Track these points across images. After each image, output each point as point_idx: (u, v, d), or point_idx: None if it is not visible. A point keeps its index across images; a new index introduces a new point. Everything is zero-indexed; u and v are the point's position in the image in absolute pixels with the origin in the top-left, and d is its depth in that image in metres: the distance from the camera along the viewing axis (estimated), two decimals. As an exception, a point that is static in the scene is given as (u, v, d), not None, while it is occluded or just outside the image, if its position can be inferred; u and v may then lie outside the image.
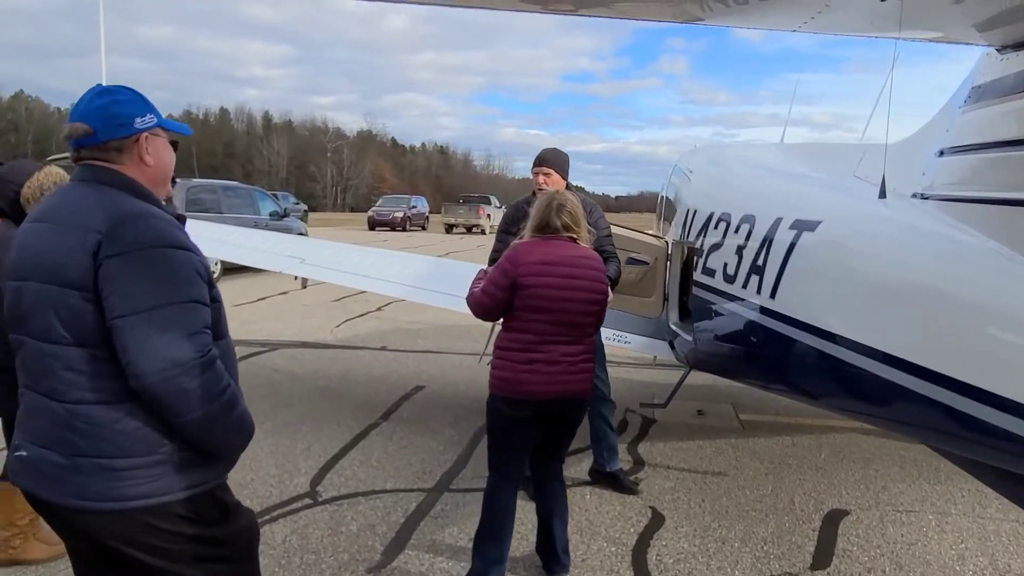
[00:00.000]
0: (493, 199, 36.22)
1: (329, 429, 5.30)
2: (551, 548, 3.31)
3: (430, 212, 38.14)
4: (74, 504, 1.67)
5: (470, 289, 3.20)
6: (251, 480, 4.31)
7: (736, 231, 3.40)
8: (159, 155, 1.84)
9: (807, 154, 4.37)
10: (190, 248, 1.74)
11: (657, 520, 4.00)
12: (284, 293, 12.02)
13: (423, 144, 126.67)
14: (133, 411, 1.67)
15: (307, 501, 4.11)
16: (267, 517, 3.87)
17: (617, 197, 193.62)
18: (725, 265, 3.46)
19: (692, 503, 4.23)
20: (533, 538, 3.44)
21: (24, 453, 1.73)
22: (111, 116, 1.78)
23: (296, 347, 8.13)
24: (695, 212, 4.10)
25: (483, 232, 32.90)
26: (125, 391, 1.65)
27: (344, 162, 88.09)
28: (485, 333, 9.20)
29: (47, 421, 1.69)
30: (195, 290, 1.70)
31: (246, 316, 9.77)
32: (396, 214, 32.73)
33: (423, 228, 35.90)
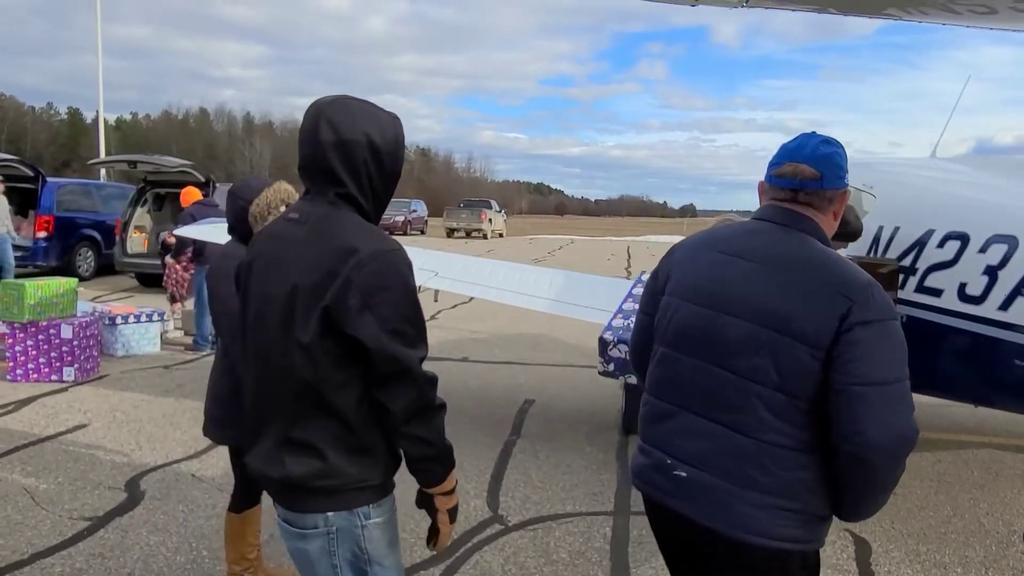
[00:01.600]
0: (494, 203, 36.08)
1: (468, 447, 5.13)
2: None
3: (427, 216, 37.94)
4: (736, 536, 1.65)
5: None
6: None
7: (983, 250, 3.32)
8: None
9: (997, 169, 4.32)
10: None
11: (863, 545, 3.91)
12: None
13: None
14: (812, 463, 1.65)
15: (498, 527, 3.96)
16: (469, 544, 3.72)
17: (597, 201, 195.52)
18: (962, 284, 3.38)
19: (884, 526, 4.15)
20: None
21: (683, 474, 1.71)
22: (836, 167, 1.74)
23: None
24: (895, 229, 4.01)
25: (485, 236, 32.76)
26: (811, 442, 1.64)
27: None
28: (558, 343, 9.07)
29: (723, 451, 1.67)
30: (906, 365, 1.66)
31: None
32: (396, 218, 32.39)
33: (422, 232, 35.64)
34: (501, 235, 35.45)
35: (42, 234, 12.00)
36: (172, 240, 8.01)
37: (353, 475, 1.67)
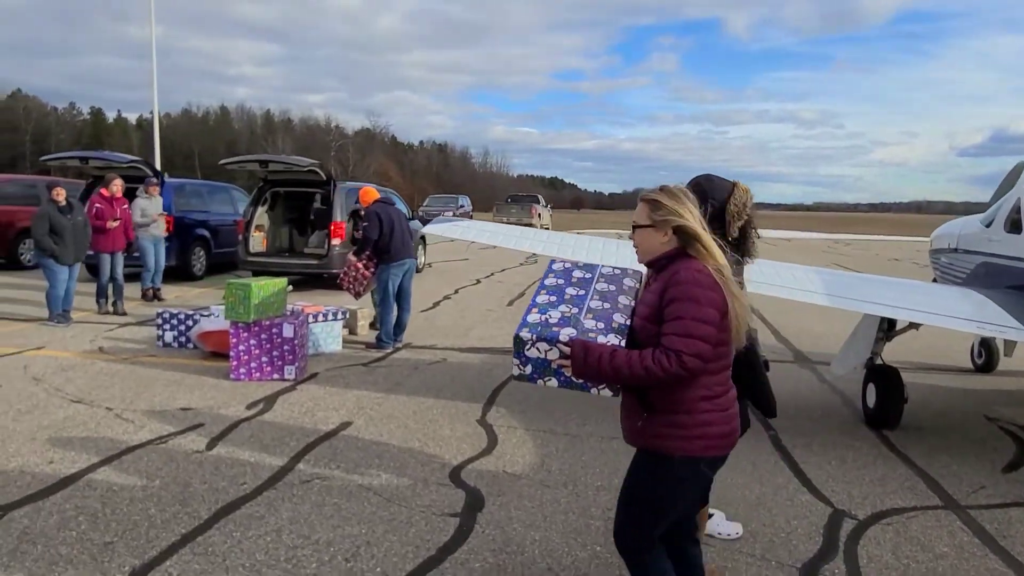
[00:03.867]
0: (541, 198, 36.17)
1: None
2: None
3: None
4: None
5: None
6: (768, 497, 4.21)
7: None
8: None
9: None
10: None
11: None
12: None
13: (421, 142, 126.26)
14: None
15: (852, 522, 4.00)
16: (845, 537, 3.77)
17: (611, 194, 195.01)
18: None
19: None
20: None
21: None
22: None
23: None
24: None
25: (534, 232, 32.80)
26: None
27: (349, 160, 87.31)
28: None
29: None
30: None
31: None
32: (446, 213, 32.51)
33: (467, 227, 35.72)
34: (548, 229, 35.51)
35: (165, 234, 12.09)
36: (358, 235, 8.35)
37: None
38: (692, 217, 2.48)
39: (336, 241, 11.78)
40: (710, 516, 3.72)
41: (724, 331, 2.37)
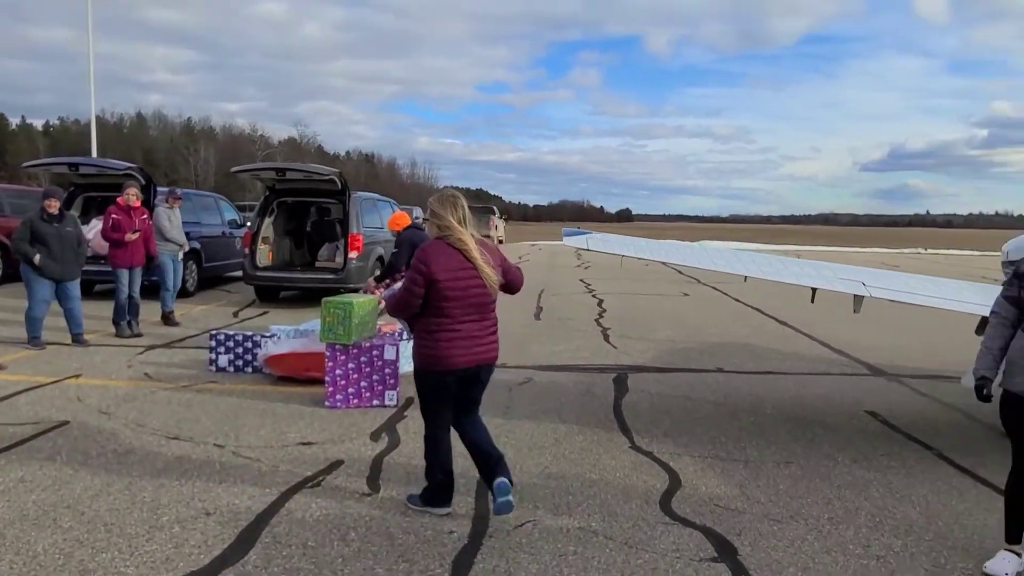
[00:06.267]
0: (496, 209, 35.79)
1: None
2: (492, 465, 3.88)
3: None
4: None
5: None
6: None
7: None
8: None
9: None
10: None
11: None
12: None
13: (348, 152, 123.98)
14: None
15: None
16: None
17: (536, 206, 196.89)
18: None
19: None
20: None
21: None
22: None
23: (641, 371, 7.68)
24: None
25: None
26: None
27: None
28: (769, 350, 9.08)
29: None
30: None
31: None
32: (401, 224, 31.64)
33: (419, 239, 34.96)
34: (501, 241, 35.20)
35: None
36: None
37: None
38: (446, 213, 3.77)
39: (353, 254, 11.10)
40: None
41: (436, 285, 3.64)
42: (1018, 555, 3.48)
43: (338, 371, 5.95)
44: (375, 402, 6.01)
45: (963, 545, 3.75)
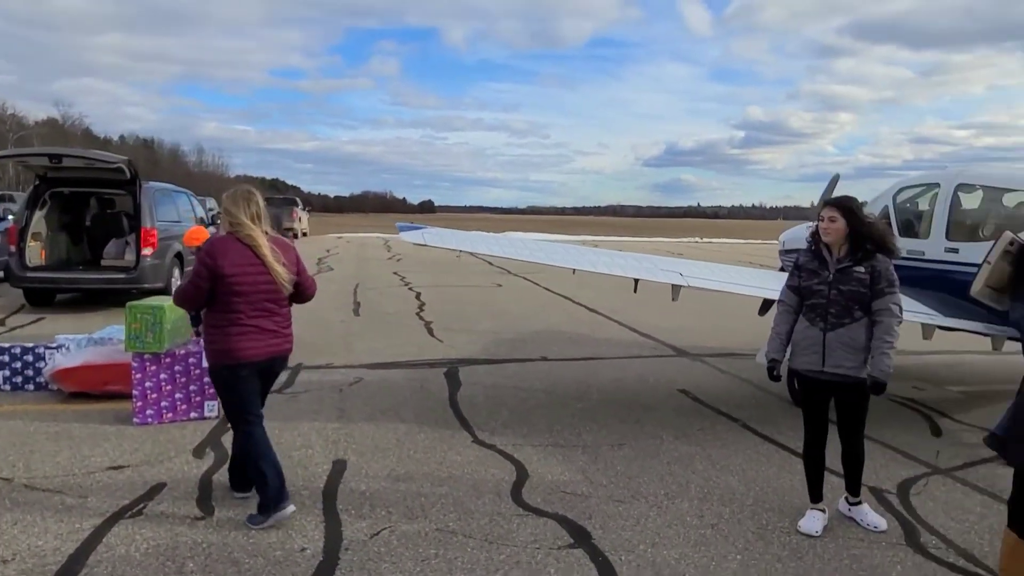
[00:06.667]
0: (299, 201, 34.11)
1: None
2: (246, 480, 4.01)
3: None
4: None
5: None
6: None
7: None
8: None
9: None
10: None
11: None
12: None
13: (122, 136, 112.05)
14: None
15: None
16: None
17: (337, 197, 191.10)
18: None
19: None
20: None
21: None
22: None
23: (471, 364, 7.72)
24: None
25: (296, 236, 30.97)
26: None
27: (33, 155, 73.95)
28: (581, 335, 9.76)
29: None
30: None
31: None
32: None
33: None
34: (305, 234, 33.79)
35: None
36: None
37: None
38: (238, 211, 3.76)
39: (147, 251, 10.01)
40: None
41: (223, 280, 3.65)
42: (823, 511, 3.96)
43: (148, 383, 5.35)
44: (193, 415, 5.48)
45: (778, 507, 4.20)
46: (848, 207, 3.89)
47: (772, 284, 5.85)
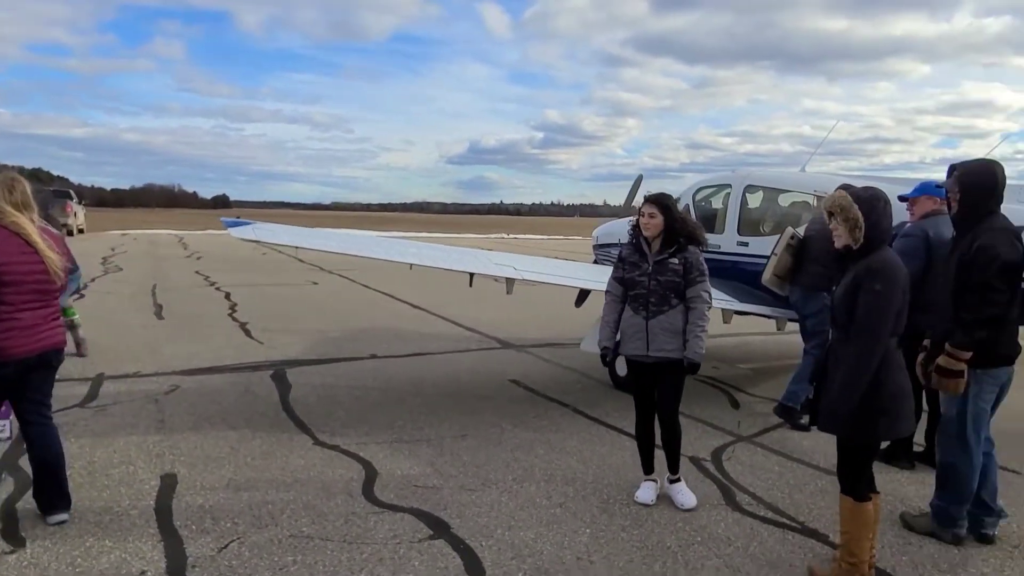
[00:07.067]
0: (73, 194, 30.32)
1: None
2: (50, 497, 3.74)
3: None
4: None
5: None
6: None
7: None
8: None
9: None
10: None
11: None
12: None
13: None
14: None
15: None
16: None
17: (114, 190, 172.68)
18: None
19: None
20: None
21: None
22: None
23: (298, 365, 7.41)
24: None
25: (71, 233, 27.60)
26: None
27: None
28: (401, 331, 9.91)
29: None
30: None
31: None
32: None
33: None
34: (82, 230, 30.26)
35: None
36: None
37: None
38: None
39: None
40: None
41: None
42: (655, 481, 4.35)
43: (-81, 404, 4.56)
44: (-22, 437, 4.78)
45: (615, 482, 4.54)
46: (665, 204, 4.20)
47: (595, 276, 6.28)
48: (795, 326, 6.43)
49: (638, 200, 11.36)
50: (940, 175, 4.36)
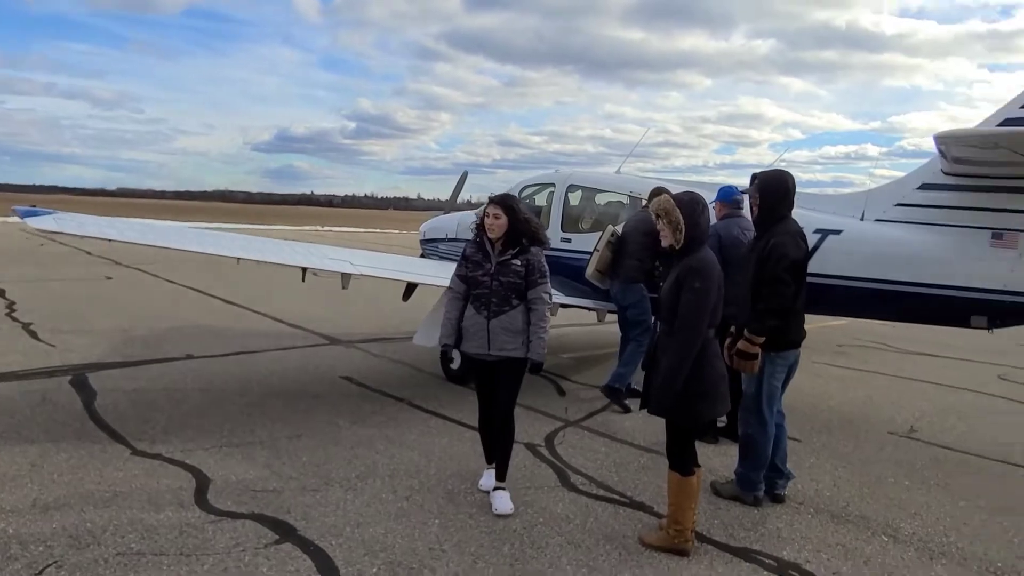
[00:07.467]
0: None
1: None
2: None
3: None
4: None
5: None
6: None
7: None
8: None
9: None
10: None
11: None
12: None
13: None
14: None
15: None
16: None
17: None
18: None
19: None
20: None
21: None
22: None
23: (101, 369, 6.71)
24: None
25: None
26: None
27: None
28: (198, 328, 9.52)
29: None
30: None
31: None
32: None
33: None
34: None
35: None
36: None
37: None
38: None
39: None
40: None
41: None
42: (496, 469, 4.52)
43: None
44: None
45: (458, 472, 4.66)
46: (510, 205, 4.22)
47: (431, 271, 6.36)
48: (614, 317, 6.95)
49: (463, 197, 11.55)
50: (722, 178, 4.99)
